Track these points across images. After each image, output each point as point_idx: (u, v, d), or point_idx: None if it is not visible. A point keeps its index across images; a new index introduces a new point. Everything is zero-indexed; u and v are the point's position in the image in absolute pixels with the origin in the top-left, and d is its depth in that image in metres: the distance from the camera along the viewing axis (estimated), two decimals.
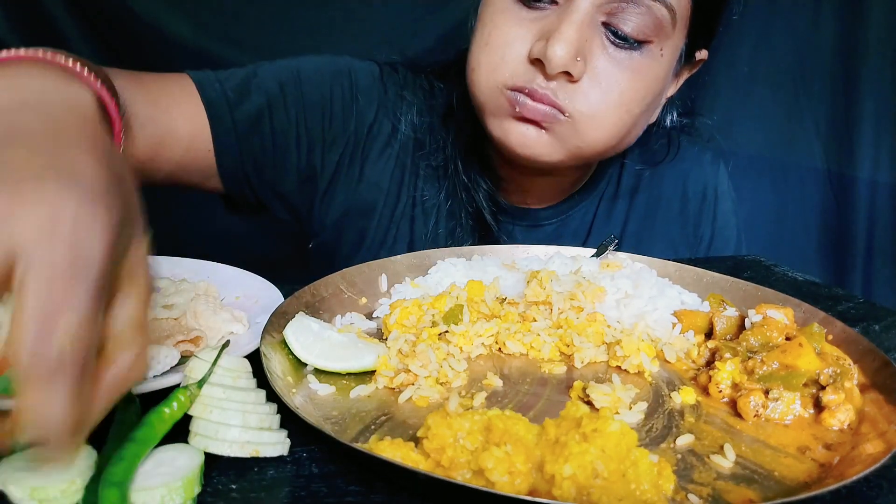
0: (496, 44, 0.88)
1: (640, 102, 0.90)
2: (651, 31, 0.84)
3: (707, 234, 1.16)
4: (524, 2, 0.86)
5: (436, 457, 0.46)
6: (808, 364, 0.59)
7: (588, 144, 0.90)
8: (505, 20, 0.88)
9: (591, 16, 0.83)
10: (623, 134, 0.92)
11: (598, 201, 1.12)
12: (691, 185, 1.15)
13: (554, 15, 0.85)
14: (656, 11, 0.83)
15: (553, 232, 1.10)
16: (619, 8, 0.83)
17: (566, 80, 0.85)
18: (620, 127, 0.91)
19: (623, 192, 1.13)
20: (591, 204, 1.12)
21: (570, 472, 0.43)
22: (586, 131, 0.88)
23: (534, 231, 1.10)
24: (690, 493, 0.47)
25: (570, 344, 0.67)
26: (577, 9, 0.82)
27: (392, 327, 0.67)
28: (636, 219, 1.13)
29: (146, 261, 0.46)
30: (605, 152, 0.95)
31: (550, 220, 1.10)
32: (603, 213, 1.12)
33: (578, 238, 1.11)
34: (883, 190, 1.84)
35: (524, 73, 0.86)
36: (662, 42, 0.87)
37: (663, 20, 0.84)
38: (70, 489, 0.41)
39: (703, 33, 0.94)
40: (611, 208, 1.12)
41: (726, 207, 1.18)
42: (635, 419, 0.57)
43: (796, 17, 1.84)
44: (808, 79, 1.87)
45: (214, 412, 0.47)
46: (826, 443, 0.54)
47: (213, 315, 0.67)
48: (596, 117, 0.87)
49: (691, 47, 0.94)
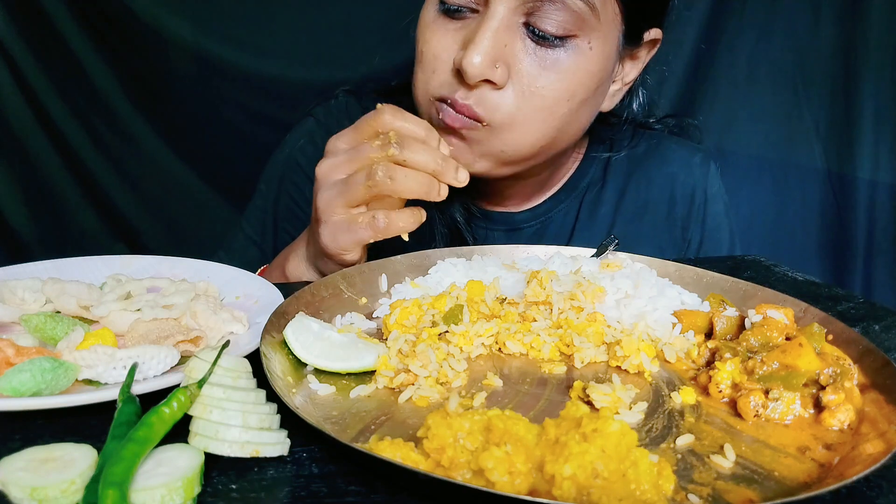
0: (426, 59, 0.90)
1: (569, 101, 0.89)
2: (573, 26, 0.84)
3: (696, 238, 1.15)
4: (447, 13, 0.88)
5: (436, 457, 0.46)
6: (808, 364, 0.59)
7: (512, 148, 0.91)
8: (432, 33, 0.89)
9: (507, 20, 0.83)
10: (553, 133, 0.92)
11: (580, 201, 1.12)
12: (679, 187, 1.14)
13: (475, 23, 0.85)
14: (572, 6, 0.83)
15: (533, 235, 1.10)
16: (535, 7, 0.82)
17: (490, 87, 0.85)
18: (546, 128, 0.90)
19: (608, 191, 1.12)
20: (571, 205, 1.11)
21: (570, 472, 0.43)
22: (507, 136, 0.89)
23: (513, 235, 1.10)
24: (690, 493, 0.47)
25: (570, 344, 0.67)
26: (492, 15, 0.83)
27: (392, 327, 0.67)
28: (622, 221, 1.12)
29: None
30: (539, 153, 0.94)
31: (529, 223, 1.10)
32: (586, 213, 1.11)
33: (560, 241, 1.10)
34: (883, 190, 1.84)
35: (449, 83, 0.87)
36: (588, 35, 0.86)
37: (583, 13, 0.84)
38: (70, 489, 0.41)
39: (647, 14, 0.94)
40: (594, 208, 1.12)
41: (717, 210, 1.16)
42: (635, 419, 0.57)
43: (796, 17, 1.85)
44: (808, 79, 1.87)
45: (214, 412, 0.47)
46: (826, 443, 0.54)
47: (212, 315, 0.67)
48: (516, 122, 0.88)
49: (635, 30, 0.93)
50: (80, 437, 0.47)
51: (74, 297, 0.68)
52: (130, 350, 0.57)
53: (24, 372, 0.53)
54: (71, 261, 0.81)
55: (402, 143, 0.78)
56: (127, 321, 0.66)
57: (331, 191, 0.81)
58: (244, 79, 1.97)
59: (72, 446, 0.45)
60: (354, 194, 0.79)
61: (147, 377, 0.57)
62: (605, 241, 0.88)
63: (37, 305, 0.68)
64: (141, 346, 0.59)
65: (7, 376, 0.53)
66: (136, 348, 0.58)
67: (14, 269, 0.77)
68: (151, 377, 0.57)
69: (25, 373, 0.53)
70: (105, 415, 0.49)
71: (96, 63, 1.96)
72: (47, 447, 0.45)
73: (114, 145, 2.05)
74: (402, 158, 0.77)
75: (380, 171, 0.77)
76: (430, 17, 0.90)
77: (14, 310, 0.66)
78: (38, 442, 0.46)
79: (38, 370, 0.53)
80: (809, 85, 1.87)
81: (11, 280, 0.70)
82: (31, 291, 0.69)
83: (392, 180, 0.77)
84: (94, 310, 0.67)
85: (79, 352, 0.58)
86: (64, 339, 0.60)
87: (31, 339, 0.62)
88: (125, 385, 0.51)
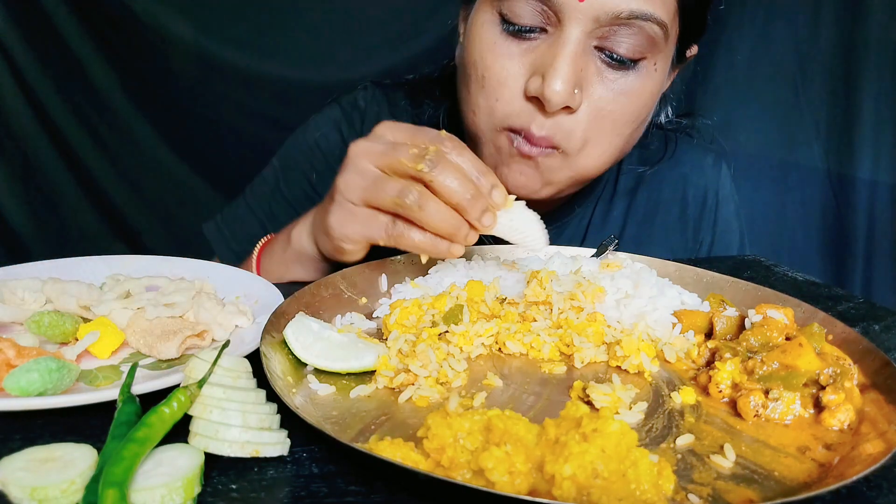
0: (491, 85, 0.86)
1: (633, 122, 0.89)
2: (645, 49, 0.83)
3: (707, 239, 1.15)
4: (513, 34, 0.83)
5: (436, 457, 0.46)
6: (808, 364, 0.59)
7: (580, 174, 0.90)
8: (495, 57, 0.85)
9: (583, 44, 0.81)
10: (617, 155, 0.92)
11: (594, 206, 1.11)
12: (691, 189, 1.14)
13: (545, 45, 0.82)
14: (648, 30, 0.81)
15: (551, 239, 1.10)
16: (611, 32, 0.80)
17: (565, 113, 0.84)
18: (612, 151, 0.90)
19: (620, 194, 1.12)
20: (586, 209, 1.11)
21: (570, 472, 0.43)
22: (579, 162, 0.88)
23: None
24: (690, 493, 0.47)
25: (570, 344, 0.67)
26: (569, 40, 0.80)
27: (392, 327, 0.67)
28: (634, 223, 1.12)
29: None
30: (601, 175, 0.95)
31: (548, 227, 1.10)
32: (599, 217, 1.11)
33: (574, 244, 1.10)
34: (883, 190, 1.84)
35: (521, 111, 0.84)
36: (655, 56, 0.85)
37: (656, 37, 0.82)
38: (70, 489, 0.41)
39: (694, 32, 0.93)
40: (607, 211, 1.12)
41: (728, 212, 1.16)
42: (635, 419, 0.57)
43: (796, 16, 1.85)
44: (808, 79, 1.87)
45: (214, 412, 0.47)
46: (826, 443, 0.54)
47: (219, 309, 0.67)
48: (588, 145, 0.87)
49: (682, 48, 0.93)
50: (80, 437, 0.47)
51: (74, 296, 0.68)
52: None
53: (31, 372, 0.53)
54: (71, 261, 0.81)
55: (437, 163, 0.70)
56: (128, 320, 0.66)
57: (356, 177, 0.75)
58: (244, 79, 1.98)
59: (72, 446, 0.45)
60: (378, 199, 0.74)
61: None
62: (605, 241, 0.88)
63: (37, 305, 0.69)
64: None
65: (14, 376, 0.53)
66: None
67: (14, 269, 0.77)
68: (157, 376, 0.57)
69: (33, 373, 0.53)
70: (105, 415, 0.49)
71: (96, 63, 1.97)
72: (47, 447, 0.45)
73: (114, 145, 2.06)
74: (430, 178, 0.70)
75: (412, 195, 0.70)
76: (491, 38, 0.85)
77: (14, 310, 0.66)
78: (38, 442, 0.46)
79: (44, 370, 0.53)
80: (809, 85, 1.87)
81: (11, 280, 0.71)
82: (31, 291, 0.69)
83: (420, 209, 0.70)
84: (94, 309, 0.67)
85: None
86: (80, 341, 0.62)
87: (32, 339, 0.62)
88: (125, 385, 0.51)
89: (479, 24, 0.87)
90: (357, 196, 0.76)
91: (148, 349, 0.64)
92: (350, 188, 0.76)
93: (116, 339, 0.64)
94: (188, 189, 2.12)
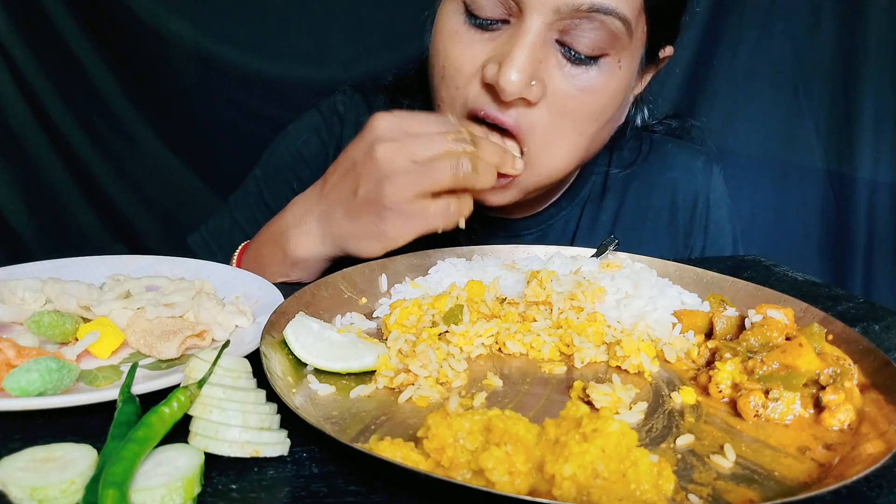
0: (450, 74, 0.87)
1: (596, 121, 0.88)
2: (607, 45, 0.82)
3: (699, 244, 1.13)
4: (475, 25, 0.84)
5: (436, 457, 0.46)
6: (808, 364, 0.59)
7: (545, 175, 0.90)
8: (455, 46, 0.85)
9: (543, 36, 0.80)
10: (581, 155, 0.92)
11: (581, 209, 1.11)
12: (681, 193, 1.13)
13: (506, 35, 0.82)
14: (610, 25, 0.81)
15: (533, 242, 1.09)
16: (571, 25, 0.80)
17: (524, 105, 0.83)
18: (575, 151, 0.90)
19: (608, 198, 1.11)
20: (572, 212, 1.11)
21: (570, 472, 0.43)
22: (542, 162, 0.88)
23: (513, 242, 1.09)
24: (690, 493, 0.47)
25: (570, 344, 0.67)
26: (528, 30, 0.79)
27: (392, 327, 0.67)
28: (623, 228, 1.11)
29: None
30: (569, 176, 0.94)
31: (530, 230, 1.09)
32: (587, 221, 1.11)
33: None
34: (883, 190, 1.84)
35: (478, 95, 0.85)
36: (619, 53, 0.84)
37: (618, 32, 0.82)
38: (70, 489, 0.41)
39: (665, 33, 0.93)
40: (595, 216, 1.11)
41: (720, 215, 1.14)
42: (635, 419, 0.57)
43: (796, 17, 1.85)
44: (808, 79, 1.88)
45: (214, 412, 0.47)
46: (826, 443, 0.54)
47: (219, 309, 0.67)
48: (549, 143, 0.86)
49: (654, 48, 0.92)
50: (80, 437, 0.47)
51: (74, 297, 0.68)
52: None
53: (32, 372, 0.53)
54: (71, 261, 0.81)
55: (475, 141, 0.80)
56: (128, 320, 0.66)
57: (404, 177, 0.77)
58: (244, 79, 1.98)
59: (72, 446, 0.45)
60: (439, 183, 0.77)
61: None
62: (605, 241, 0.88)
63: (37, 305, 0.69)
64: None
65: (15, 376, 0.53)
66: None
67: (14, 269, 0.77)
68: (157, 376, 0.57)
69: (34, 373, 0.53)
70: (105, 415, 0.49)
71: (96, 63, 1.97)
72: (47, 447, 0.45)
73: (114, 145, 2.06)
74: (479, 154, 0.79)
75: (466, 164, 0.77)
76: (454, 27, 0.85)
77: (14, 310, 0.66)
78: (38, 442, 0.46)
79: (45, 370, 0.53)
80: (809, 85, 1.87)
81: (11, 280, 0.71)
82: (31, 291, 0.69)
83: (477, 173, 0.78)
84: (94, 309, 0.67)
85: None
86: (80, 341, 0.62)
87: (32, 339, 0.62)
88: (125, 385, 0.51)
89: (444, 13, 0.88)
90: (410, 193, 0.77)
91: (148, 349, 0.64)
92: (403, 190, 0.77)
93: (116, 339, 0.64)
94: (188, 189, 2.12)
